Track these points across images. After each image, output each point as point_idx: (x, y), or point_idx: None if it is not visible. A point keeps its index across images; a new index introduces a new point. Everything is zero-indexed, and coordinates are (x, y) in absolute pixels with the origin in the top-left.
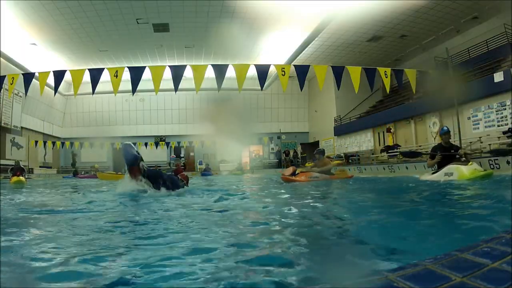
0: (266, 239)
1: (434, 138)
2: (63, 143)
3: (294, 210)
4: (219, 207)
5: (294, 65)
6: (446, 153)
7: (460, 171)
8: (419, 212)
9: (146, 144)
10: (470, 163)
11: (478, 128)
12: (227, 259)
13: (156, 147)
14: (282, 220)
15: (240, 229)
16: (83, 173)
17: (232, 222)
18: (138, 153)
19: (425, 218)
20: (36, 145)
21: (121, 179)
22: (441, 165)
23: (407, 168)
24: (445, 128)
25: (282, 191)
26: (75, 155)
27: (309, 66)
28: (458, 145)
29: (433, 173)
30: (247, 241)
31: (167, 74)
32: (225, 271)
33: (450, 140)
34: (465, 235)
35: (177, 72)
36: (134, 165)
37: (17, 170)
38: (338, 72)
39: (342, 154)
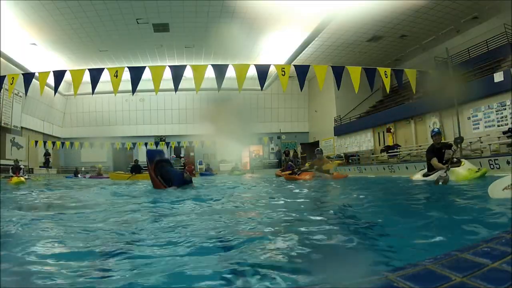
0: (266, 239)
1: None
2: (63, 143)
3: (293, 211)
4: (215, 203)
5: (294, 65)
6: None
7: (456, 173)
8: (418, 212)
9: (146, 144)
10: (463, 163)
11: (478, 128)
12: (225, 259)
13: (156, 147)
14: (282, 220)
15: (239, 230)
16: (87, 173)
17: (230, 223)
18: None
19: (424, 218)
20: (36, 145)
21: None
22: (433, 168)
23: (407, 168)
24: (435, 129)
25: (279, 193)
26: (49, 154)
27: (309, 66)
28: (448, 142)
29: (424, 175)
30: (246, 242)
31: (167, 74)
32: (223, 271)
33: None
34: (465, 235)
35: (177, 72)
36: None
37: (16, 169)
38: (338, 72)
39: (342, 154)
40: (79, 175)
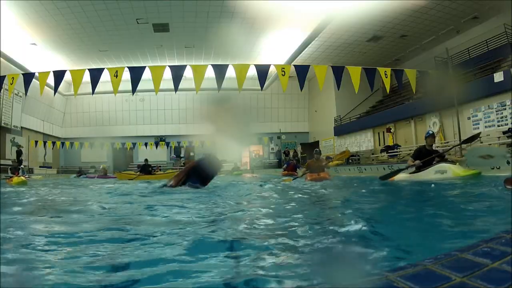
0: (265, 239)
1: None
2: (63, 143)
3: (292, 210)
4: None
5: (294, 65)
6: (434, 157)
7: (453, 170)
8: (418, 212)
9: (146, 144)
10: (457, 164)
11: (478, 128)
12: (225, 258)
13: (156, 147)
14: (281, 220)
15: (239, 230)
16: (92, 172)
17: (231, 222)
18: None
19: (424, 218)
20: (36, 145)
21: None
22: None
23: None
24: (430, 131)
25: (276, 192)
26: (21, 151)
27: (309, 66)
28: (440, 151)
29: (411, 172)
30: (246, 241)
31: (167, 74)
32: (223, 271)
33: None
34: (464, 234)
35: (177, 72)
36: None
37: (15, 169)
38: (338, 72)
39: None
40: (82, 176)
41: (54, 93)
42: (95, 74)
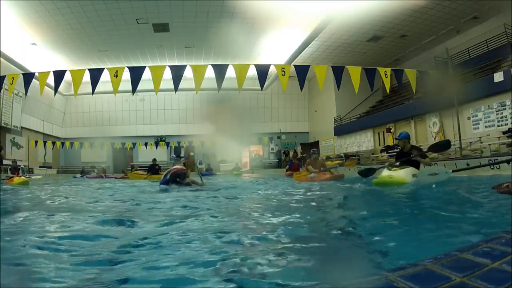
0: (266, 239)
1: (434, 138)
2: (63, 143)
3: (293, 211)
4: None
5: (294, 65)
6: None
7: (386, 174)
8: (417, 212)
9: (146, 144)
10: (397, 168)
11: (478, 128)
12: (226, 258)
13: (156, 147)
14: (282, 220)
15: (239, 230)
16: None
17: (232, 223)
18: None
19: (424, 218)
20: (36, 145)
21: None
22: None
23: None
24: (398, 136)
25: (280, 193)
26: (0, 147)
27: (309, 66)
28: (419, 147)
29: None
30: (246, 241)
31: (167, 74)
32: (223, 270)
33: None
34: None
35: (177, 72)
36: None
37: (14, 169)
38: (338, 72)
39: (342, 154)
40: (84, 175)
41: (54, 93)
42: (95, 74)
